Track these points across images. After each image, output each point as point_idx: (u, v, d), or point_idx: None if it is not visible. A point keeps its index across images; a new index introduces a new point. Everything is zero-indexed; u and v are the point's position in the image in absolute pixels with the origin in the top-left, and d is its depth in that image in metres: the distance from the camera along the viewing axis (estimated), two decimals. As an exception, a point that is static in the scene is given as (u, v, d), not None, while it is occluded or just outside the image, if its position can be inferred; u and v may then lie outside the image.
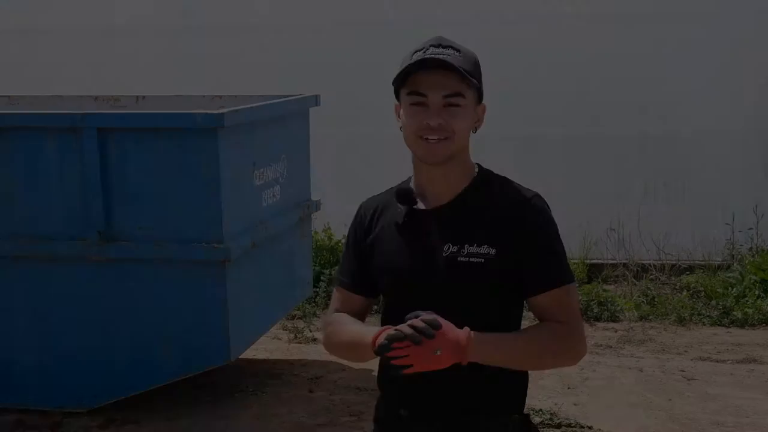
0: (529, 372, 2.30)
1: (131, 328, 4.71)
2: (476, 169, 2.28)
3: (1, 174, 4.70)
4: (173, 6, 9.72)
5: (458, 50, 2.17)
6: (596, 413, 4.96)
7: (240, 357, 5.29)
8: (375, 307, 2.46)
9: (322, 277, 7.41)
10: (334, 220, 7.71)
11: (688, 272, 7.66)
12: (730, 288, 7.13)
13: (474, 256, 2.15)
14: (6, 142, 4.68)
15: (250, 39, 9.26)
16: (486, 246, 2.16)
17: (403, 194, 2.26)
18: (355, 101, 8.66)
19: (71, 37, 9.61)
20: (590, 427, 4.71)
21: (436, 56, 2.13)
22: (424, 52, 2.16)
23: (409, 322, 2.05)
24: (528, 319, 2.29)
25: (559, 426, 4.71)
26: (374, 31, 8.98)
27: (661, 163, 8.22)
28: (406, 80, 2.17)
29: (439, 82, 2.14)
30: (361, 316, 2.36)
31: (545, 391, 5.28)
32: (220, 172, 4.49)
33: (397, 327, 2.05)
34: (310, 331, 6.63)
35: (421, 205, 2.25)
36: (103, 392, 4.84)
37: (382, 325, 2.25)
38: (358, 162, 8.53)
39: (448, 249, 2.17)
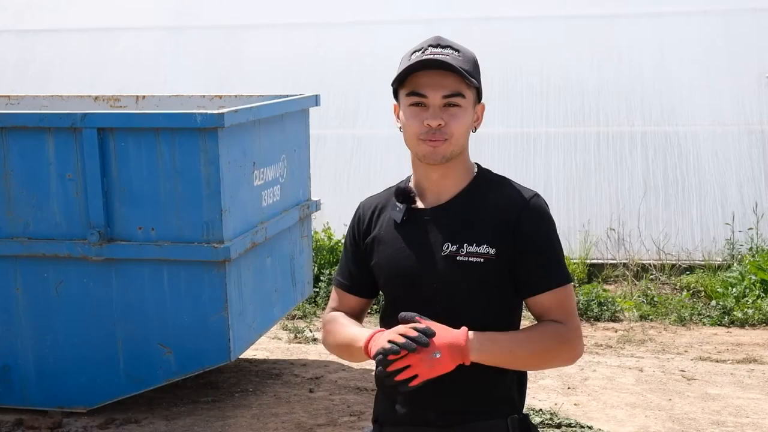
0: (529, 372, 2.30)
1: (131, 328, 4.71)
2: (475, 169, 2.28)
3: (1, 174, 4.70)
4: (173, 5, 9.73)
5: (457, 50, 2.17)
6: (596, 413, 4.95)
7: (240, 357, 5.29)
8: (375, 306, 2.46)
9: (322, 277, 7.42)
10: (334, 220, 7.72)
11: (688, 272, 7.66)
12: (730, 288, 7.13)
13: (473, 255, 2.15)
14: (6, 142, 4.68)
15: (250, 39, 9.27)
16: (485, 245, 2.16)
17: (403, 193, 2.26)
18: (355, 101, 8.67)
19: (71, 37, 9.62)
20: (590, 427, 4.71)
21: (436, 56, 2.13)
22: (423, 52, 2.16)
23: (401, 330, 2.05)
24: (528, 319, 2.28)
25: (559, 426, 4.71)
26: (375, 31, 8.99)
27: (661, 163, 8.23)
28: (405, 81, 2.17)
29: (438, 82, 2.14)
30: (358, 316, 2.37)
31: (545, 391, 5.28)
32: (220, 172, 4.50)
33: (390, 338, 2.05)
34: (310, 331, 6.63)
35: (420, 204, 2.25)
36: (103, 392, 4.84)
37: (381, 323, 2.25)
38: (358, 162, 8.54)
39: (447, 248, 2.17)
